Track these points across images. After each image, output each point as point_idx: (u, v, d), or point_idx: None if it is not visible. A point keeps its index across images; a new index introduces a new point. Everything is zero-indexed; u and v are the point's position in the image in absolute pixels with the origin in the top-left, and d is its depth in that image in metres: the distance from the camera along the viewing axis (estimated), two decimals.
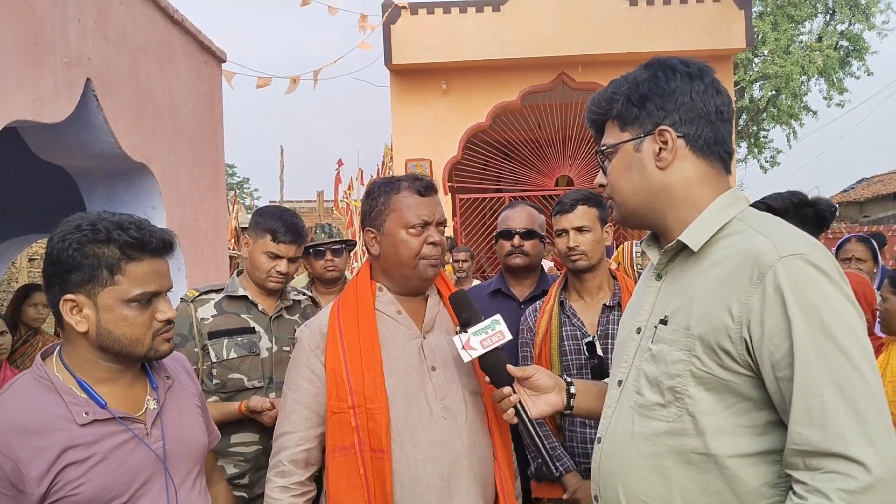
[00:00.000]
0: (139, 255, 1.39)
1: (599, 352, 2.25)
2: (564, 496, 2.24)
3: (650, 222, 1.36)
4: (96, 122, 3.71)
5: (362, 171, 12.99)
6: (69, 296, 1.37)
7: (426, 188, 1.77)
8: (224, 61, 5.94)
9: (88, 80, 3.55)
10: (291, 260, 2.44)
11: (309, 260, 3.36)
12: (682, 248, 1.30)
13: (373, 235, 1.78)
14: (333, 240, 3.36)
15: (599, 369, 2.20)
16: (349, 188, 12.95)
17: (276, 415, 2.13)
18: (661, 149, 1.29)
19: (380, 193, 1.78)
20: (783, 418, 1.14)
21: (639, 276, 3.53)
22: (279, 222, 2.40)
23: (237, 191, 25.02)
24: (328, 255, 3.32)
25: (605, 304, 2.37)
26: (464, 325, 1.60)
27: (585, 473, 2.21)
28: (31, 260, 14.26)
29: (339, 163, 13.07)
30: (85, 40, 3.54)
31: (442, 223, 1.79)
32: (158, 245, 1.42)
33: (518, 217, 2.74)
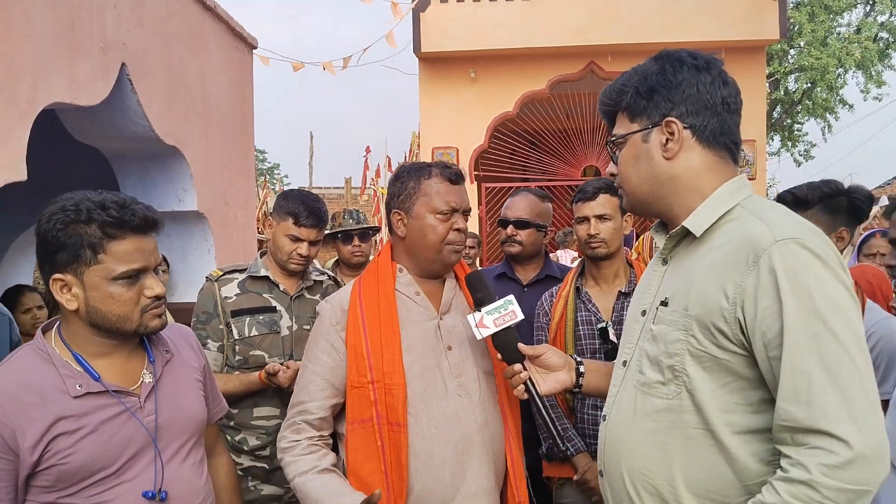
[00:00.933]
0: (120, 233, 1.41)
1: (612, 337, 2.29)
2: (575, 477, 2.29)
3: (657, 210, 1.41)
4: (130, 105, 3.83)
5: (389, 159, 13.08)
6: (57, 275, 1.41)
7: (456, 176, 1.84)
8: (255, 48, 6.04)
9: (123, 64, 3.66)
10: (313, 243, 2.51)
11: (336, 244, 3.46)
12: (687, 234, 1.35)
13: (400, 217, 1.84)
14: (361, 226, 3.45)
15: (613, 354, 2.24)
16: (376, 175, 13.04)
17: (292, 374, 2.20)
18: (667, 139, 1.34)
19: (410, 177, 1.84)
20: (775, 396, 1.18)
21: None
22: (301, 206, 2.47)
23: (267, 177, 25.28)
24: (356, 241, 3.41)
25: (620, 291, 2.40)
26: (478, 304, 1.67)
27: (596, 454, 2.27)
28: None
29: (367, 150, 13.17)
30: (120, 26, 3.64)
31: (467, 211, 1.85)
32: (140, 223, 1.43)
33: (515, 206, 2.79)
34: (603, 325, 2.32)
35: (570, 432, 2.35)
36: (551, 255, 7.33)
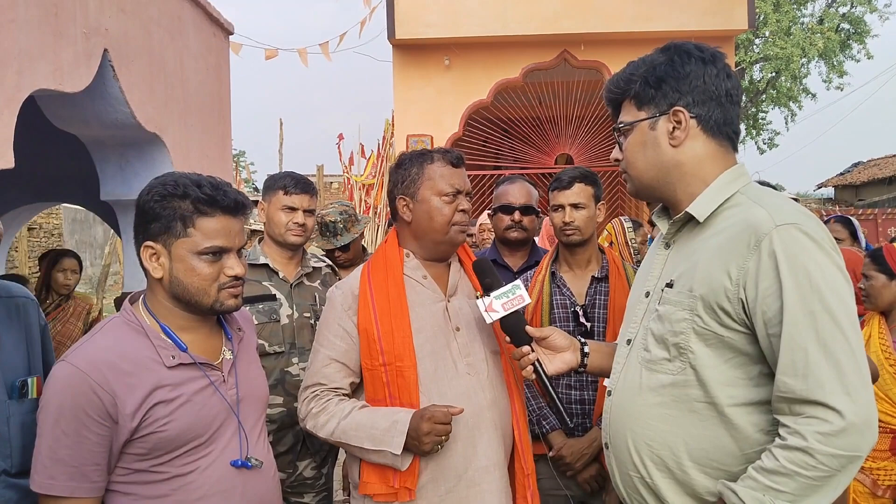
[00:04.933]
0: (211, 210, 1.48)
1: (582, 320, 2.38)
2: (550, 454, 2.37)
3: (661, 195, 1.48)
4: (112, 92, 3.78)
5: (363, 146, 13.02)
6: (149, 243, 1.49)
7: (457, 159, 1.91)
8: (231, 33, 5.98)
9: (106, 50, 3.62)
10: (307, 212, 2.57)
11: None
12: (689, 220, 1.42)
13: (405, 203, 1.90)
14: (339, 245, 3.41)
15: (587, 336, 2.33)
16: (349, 163, 12.98)
17: None
18: (674, 128, 1.40)
19: (413, 164, 1.90)
20: (774, 371, 1.26)
21: (632, 252, 3.61)
22: (288, 178, 2.59)
23: (237, 163, 24.93)
24: (336, 253, 3.41)
25: (593, 276, 2.49)
26: (487, 289, 1.73)
27: (570, 432, 2.38)
28: (30, 229, 14.30)
29: (340, 137, 13.08)
30: (102, 11, 3.60)
31: (469, 193, 1.92)
32: (230, 204, 1.50)
33: (517, 193, 2.85)
34: (574, 308, 2.41)
35: (544, 411, 2.42)
36: None
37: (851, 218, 4.20)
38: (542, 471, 2.44)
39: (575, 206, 2.45)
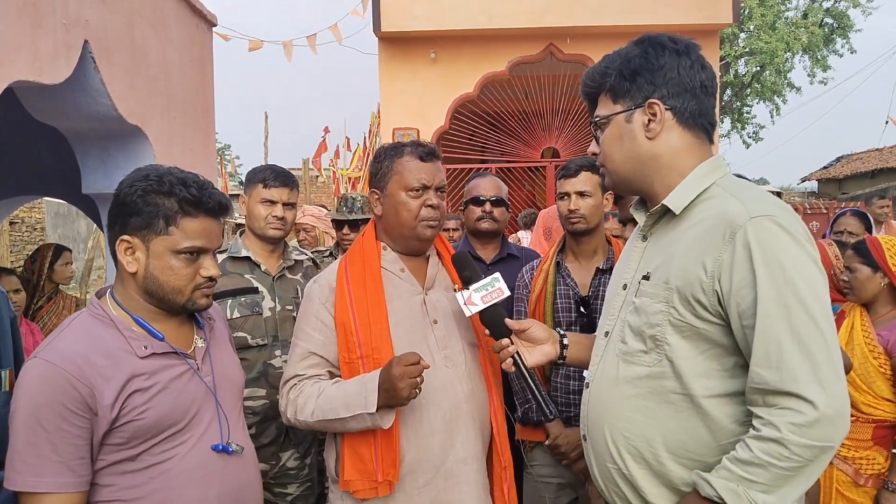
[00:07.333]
0: (195, 211, 1.48)
1: (582, 310, 2.39)
2: (546, 441, 2.39)
3: (638, 188, 1.49)
4: (93, 84, 3.75)
5: (349, 139, 12.98)
6: (126, 237, 1.48)
7: (428, 154, 1.88)
8: (215, 25, 5.94)
9: (86, 42, 3.58)
10: (287, 205, 2.57)
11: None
12: (666, 212, 1.43)
13: (377, 196, 1.90)
14: (348, 217, 3.51)
15: (589, 327, 2.34)
16: (335, 156, 12.94)
17: None
18: (650, 120, 1.41)
19: (385, 157, 1.90)
20: (749, 362, 1.27)
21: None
22: (268, 171, 2.59)
23: (221, 157, 24.80)
24: (345, 229, 3.49)
25: (598, 267, 2.49)
26: (466, 282, 1.73)
27: (567, 421, 2.38)
28: (12, 223, 14.15)
29: (326, 130, 13.04)
30: (83, 2, 3.56)
31: (441, 188, 1.90)
32: (214, 206, 1.51)
33: (488, 185, 2.94)
34: (577, 299, 2.42)
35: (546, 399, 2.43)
36: (513, 235, 7.42)
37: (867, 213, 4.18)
38: (539, 458, 2.47)
39: (581, 194, 2.46)
